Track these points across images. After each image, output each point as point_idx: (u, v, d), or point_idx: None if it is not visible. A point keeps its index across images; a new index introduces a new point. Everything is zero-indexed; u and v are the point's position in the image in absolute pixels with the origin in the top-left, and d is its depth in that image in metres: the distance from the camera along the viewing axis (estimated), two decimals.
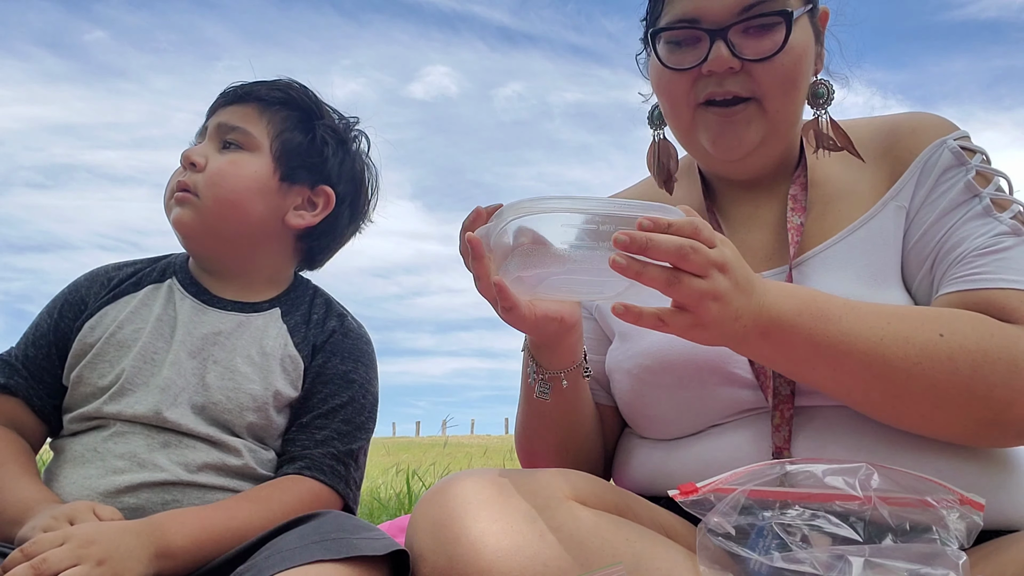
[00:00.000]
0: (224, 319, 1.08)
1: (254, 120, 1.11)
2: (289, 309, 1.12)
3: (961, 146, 0.91)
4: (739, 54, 0.87)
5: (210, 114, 1.15)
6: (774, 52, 0.87)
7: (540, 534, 0.69)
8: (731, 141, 0.92)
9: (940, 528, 0.65)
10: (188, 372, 1.02)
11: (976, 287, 0.83)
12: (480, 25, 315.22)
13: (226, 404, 1.01)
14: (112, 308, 1.07)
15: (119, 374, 1.01)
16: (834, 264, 0.90)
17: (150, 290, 1.10)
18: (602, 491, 0.80)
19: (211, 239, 1.09)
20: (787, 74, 0.89)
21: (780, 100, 0.90)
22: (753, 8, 0.87)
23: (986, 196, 0.88)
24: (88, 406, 1.01)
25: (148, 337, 1.04)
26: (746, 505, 0.69)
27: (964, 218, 0.88)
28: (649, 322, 0.72)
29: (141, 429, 0.99)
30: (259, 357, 1.06)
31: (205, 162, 1.08)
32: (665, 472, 0.93)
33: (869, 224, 0.91)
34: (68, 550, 0.79)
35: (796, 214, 0.94)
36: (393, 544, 0.79)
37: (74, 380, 1.03)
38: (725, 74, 0.89)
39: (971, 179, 0.89)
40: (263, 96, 1.13)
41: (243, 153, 1.10)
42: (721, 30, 0.87)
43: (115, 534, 0.83)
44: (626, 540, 0.71)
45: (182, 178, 1.08)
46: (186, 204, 1.07)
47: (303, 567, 0.74)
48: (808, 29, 0.92)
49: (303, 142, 1.14)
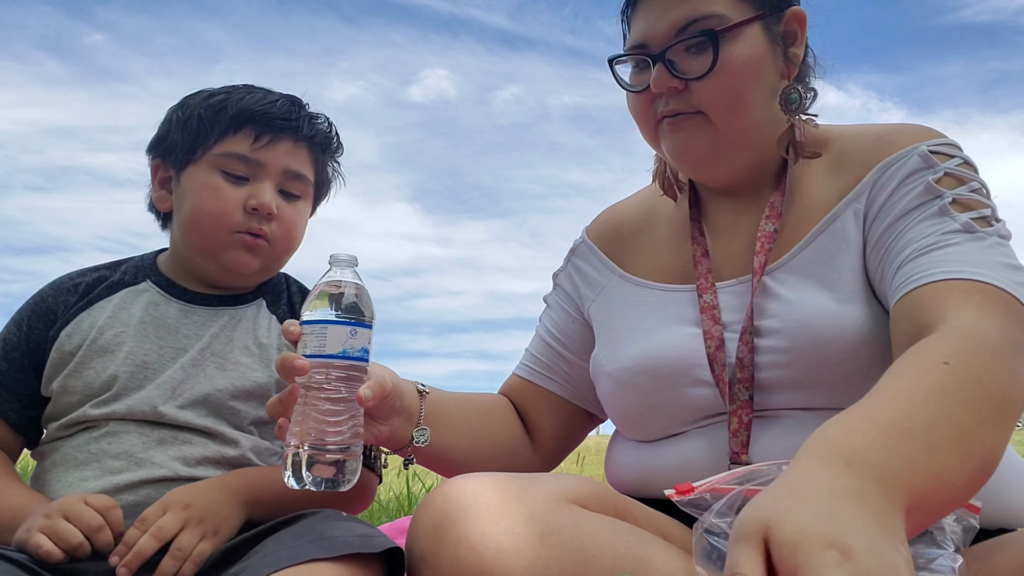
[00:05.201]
0: (214, 315, 1.08)
1: (308, 165, 1.12)
2: (273, 300, 1.14)
3: (935, 151, 0.87)
4: (677, 73, 0.90)
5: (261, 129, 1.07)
6: (705, 72, 0.89)
7: (541, 537, 0.69)
8: (681, 151, 0.94)
9: (936, 530, 0.65)
10: (187, 369, 1.02)
11: (910, 289, 0.78)
12: (478, 28, 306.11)
13: (231, 395, 1.02)
14: (87, 315, 1.06)
15: (109, 380, 1.01)
16: (801, 271, 0.90)
17: (126, 294, 1.09)
18: (602, 494, 0.81)
19: (261, 276, 1.13)
20: (727, 90, 0.90)
21: (724, 114, 0.91)
22: (688, 29, 0.90)
23: (948, 196, 0.82)
24: (76, 411, 1.00)
25: (134, 340, 1.03)
26: (744, 505, 0.68)
27: (918, 219, 0.83)
28: None
29: (135, 427, 0.98)
30: (256, 348, 1.07)
31: (277, 211, 1.07)
32: (641, 474, 0.95)
33: (831, 227, 0.90)
34: (172, 516, 0.87)
35: (771, 221, 0.93)
36: (388, 541, 0.79)
37: (57, 390, 1.02)
38: (671, 93, 0.92)
39: (934, 180, 0.84)
40: (318, 141, 1.13)
41: (303, 202, 1.12)
42: (660, 53, 0.91)
43: (206, 492, 0.91)
44: (626, 543, 0.70)
45: (258, 227, 1.06)
46: (258, 251, 1.07)
47: (298, 567, 0.74)
48: (759, 37, 0.91)
49: (328, 181, 1.19)
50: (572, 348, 1.10)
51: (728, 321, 0.92)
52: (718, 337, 0.91)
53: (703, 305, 0.94)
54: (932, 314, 0.74)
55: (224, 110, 1.07)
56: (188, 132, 1.08)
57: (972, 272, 0.75)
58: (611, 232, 1.12)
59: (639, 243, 1.08)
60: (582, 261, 1.12)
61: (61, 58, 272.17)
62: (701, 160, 0.95)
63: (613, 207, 1.17)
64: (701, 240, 0.99)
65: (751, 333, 0.88)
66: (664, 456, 0.93)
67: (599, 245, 1.11)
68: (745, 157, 0.96)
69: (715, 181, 1.00)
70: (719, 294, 0.94)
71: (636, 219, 1.11)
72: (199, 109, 1.08)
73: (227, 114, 1.07)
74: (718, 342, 0.90)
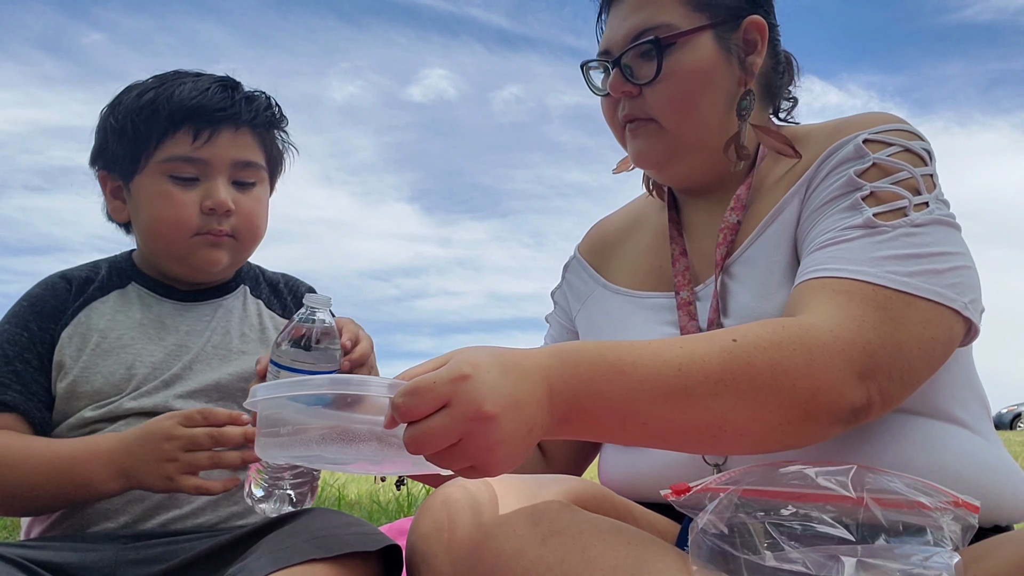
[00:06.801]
0: (207, 309, 1.10)
1: (256, 149, 1.10)
2: (254, 285, 1.16)
3: (873, 139, 0.85)
4: (631, 79, 0.93)
5: (199, 125, 1.04)
6: (652, 78, 0.92)
7: (542, 538, 0.69)
8: (640, 156, 0.98)
9: (934, 529, 0.65)
10: (192, 366, 1.04)
11: (798, 282, 0.80)
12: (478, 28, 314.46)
13: (239, 379, 1.04)
14: (85, 316, 1.05)
15: (120, 383, 1.01)
16: (751, 263, 0.91)
17: (119, 296, 1.09)
18: (602, 495, 0.81)
19: (234, 267, 1.13)
20: (676, 95, 0.92)
21: (675, 119, 0.93)
22: (640, 37, 0.93)
23: (867, 188, 0.81)
24: (81, 414, 1.00)
25: (140, 342, 1.04)
26: (739, 505, 0.68)
27: (830, 212, 0.83)
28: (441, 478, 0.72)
29: (139, 422, 0.98)
30: (252, 332, 1.10)
31: (234, 205, 1.06)
32: (628, 476, 0.95)
33: (779, 218, 0.90)
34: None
35: (735, 213, 0.94)
36: (385, 539, 0.79)
37: (63, 393, 1.01)
38: (627, 97, 0.95)
39: (856, 172, 0.83)
40: (260, 122, 1.10)
41: (259, 187, 1.10)
42: (617, 59, 0.94)
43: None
44: (627, 544, 0.70)
45: (219, 226, 1.05)
46: (224, 247, 1.06)
47: (296, 567, 0.74)
48: (709, 45, 0.92)
49: (280, 156, 1.16)
50: None
51: (704, 318, 0.93)
52: (694, 331, 0.92)
53: (680, 302, 0.95)
54: (796, 308, 0.77)
55: (157, 112, 1.03)
56: (126, 141, 1.05)
57: (850, 271, 0.76)
58: (599, 244, 1.14)
59: (623, 251, 1.10)
60: (572, 275, 1.15)
61: (60, 58, 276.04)
62: (659, 164, 0.98)
63: (602, 220, 1.19)
64: (679, 240, 1.01)
65: (718, 324, 0.90)
66: (648, 458, 0.92)
67: (587, 258, 1.14)
68: (703, 159, 0.96)
69: (679, 183, 1.02)
70: (696, 292, 0.96)
71: (622, 229, 1.13)
72: (131, 115, 1.05)
73: (161, 116, 1.03)
74: None
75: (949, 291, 0.76)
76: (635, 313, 1.00)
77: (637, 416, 0.68)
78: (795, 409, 0.70)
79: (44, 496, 0.93)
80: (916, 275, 0.76)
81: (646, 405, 0.67)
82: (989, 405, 0.90)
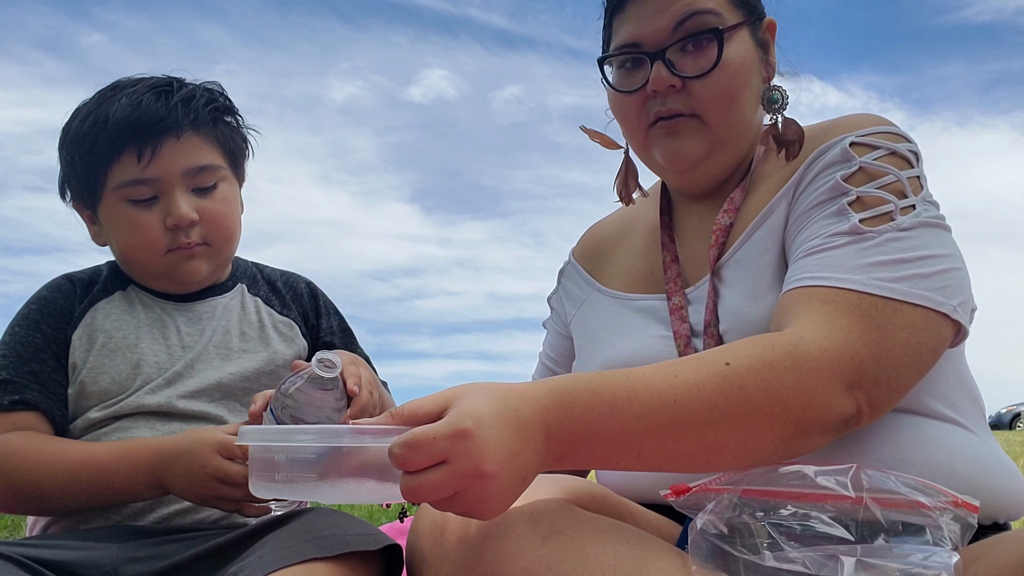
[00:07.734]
0: (206, 309, 1.10)
1: (207, 149, 1.06)
2: (251, 283, 1.17)
3: (860, 142, 0.85)
4: (677, 72, 0.90)
5: (139, 144, 1.00)
6: (709, 69, 0.89)
7: (543, 537, 0.68)
8: (677, 154, 0.94)
9: (933, 529, 0.65)
10: (195, 365, 1.05)
11: (785, 290, 0.80)
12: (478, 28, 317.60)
13: (241, 378, 1.05)
14: (90, 317, 1.06)
15: (125, 383, 1.02)
16: (740, 266, 0.91)
17: (122, 296, 1.09)
18: (602, 495, 0.80)
19: (219, 270, 1.13)
20: (724, 89, 0.91)
21: (720, 114, 0.92)
22: (685, 27, 0.90)
23: (853, 193, 0.81)
24: (88, 415, 1.01)
25: (145, 342, 1.05)
26: (738, 504, 0.69)
27: (817, 217, 0.83)
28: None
29: (144, 420, 1.00)
30: (251, 330, 1.10)
31: (197, 215, 1.03)
32: (624, 477, 0.95)
33: (768, 221, 0.90)
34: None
35: (727, 215, 0.94)
36: (385, 539, 0.79)
37: (73, 395, 1.02)
38: (667, 92, 0.92)
39: (843, 176, 0.83)
40: (204, 121, 1.06)
41: (222, 185, 1.07)
42: (659, 51, 0.91)
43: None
44: (627, 544, 0.70)
45: (187, 239, 1.03)
46: (201, 255, 1.06)
47: (296, 566, 0.75)
48: (748, 41, 0.93)
49: (238, 145, 1.13)
50: (565, 366, 1.12)
51: (696, 321, 0.93)
52: (685, 335, 0.92)
53: (671, 307, 0.95)
54: (785, 319, 0.76)
55: (96, 140, 1.01)
56: (77, 174, 1.05)
57: (836, 279, 0.76)
58: (592, 248, 1.15)
59: (616, 255, 1.10)
60: (568, 280, 1.15)
61: (60, 58, 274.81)
62: (695, 163, 0.95)
63: (596, 224, 1.19)
64: (671, 246, 1.01)
65: (715, 327, 0.90)
66: None
67: (581, 263, 1.14)
68: (733, 157, 0.97)
69: (700, 185, 1.00)
70: (688, 296, 0.96)
71: (615, 233, 1.13)
72: (76, 146, 1.04)
73: (100, 144, 1.01)
74: (686, 340, 0.92)
75: (937, 294, 0.76)
76: (627, 315, 1.01)
77: (631, 449, 0.68)
78: (787, 426, 0.70)
79: (75, 499, 0.94)
80: (902, 280, 0.76)
81: (641, 438, 0.68)
82: (983, 403, 0.90)
